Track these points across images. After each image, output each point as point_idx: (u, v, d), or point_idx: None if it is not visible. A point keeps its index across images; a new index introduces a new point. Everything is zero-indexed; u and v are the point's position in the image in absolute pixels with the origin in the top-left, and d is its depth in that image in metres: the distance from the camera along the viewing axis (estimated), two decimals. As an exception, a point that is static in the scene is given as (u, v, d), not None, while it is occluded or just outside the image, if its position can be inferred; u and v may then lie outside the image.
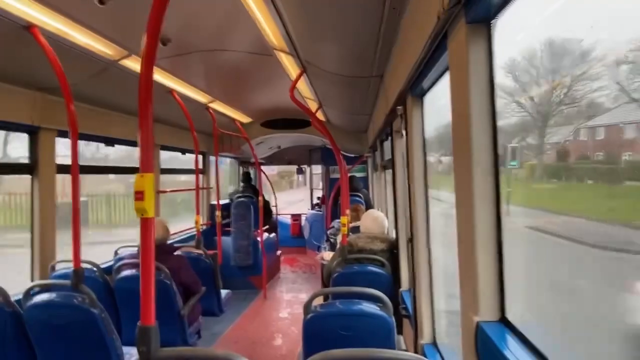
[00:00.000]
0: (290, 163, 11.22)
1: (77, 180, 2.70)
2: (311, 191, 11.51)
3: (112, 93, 3.72)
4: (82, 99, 3.53)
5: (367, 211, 4.04)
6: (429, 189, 2.50)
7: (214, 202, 6.05)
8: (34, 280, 3.29)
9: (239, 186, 8.58)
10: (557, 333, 1.63)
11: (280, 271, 8.26)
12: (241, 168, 9.34)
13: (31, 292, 2.65)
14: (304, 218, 10.28)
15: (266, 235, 7.32)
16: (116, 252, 4.05)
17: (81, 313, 2.50)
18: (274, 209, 8.59)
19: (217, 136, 5.51)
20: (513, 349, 1.18)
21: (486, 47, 1.29)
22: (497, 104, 1.31)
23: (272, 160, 10.64)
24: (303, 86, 4.09)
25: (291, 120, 6.90)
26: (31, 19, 2.23)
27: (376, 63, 2.95)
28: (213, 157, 6.03)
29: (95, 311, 2.50)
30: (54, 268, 3.31)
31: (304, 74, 3.43)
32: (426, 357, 2.32)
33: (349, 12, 2.19)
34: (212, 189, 6.72)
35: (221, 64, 3.60)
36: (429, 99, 2.36)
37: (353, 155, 7.67)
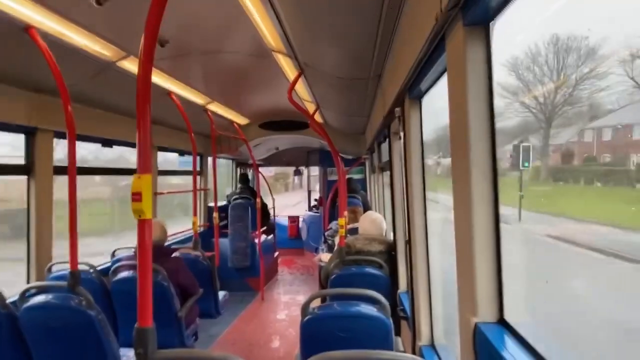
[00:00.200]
0: (288, 165, 11.24)
1: (74, 181, 2.69)
2: (309, 193, 11.52)
3: (110, 94, 3.71)
4: (80, 100, 3.52)
5: (365, 213, 4.04)
6: (426, 191, 2.50)
7: (212, 204, 6.04)
8: (30, 282, 3.27)
9: (236, 188, 8.57)
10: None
11: (277, 273, 8.25)
12: (238, 169, 9.33)
13: (27, 294, 2.64)
14: (301, 220, 10.28)
15: (264, 237, 7.31)
16: (113, 254, 4.03)
17: (78, 315, 2.49)
18: (271, 210, 8.60)
19: (214, 137, 5.51)
20: (511, 350, 1.18)
21: (484, 49, 1.30)
22: (497, 105, 1.32)
23: (270, 161, 10.64)
24: (301, 88, 4.09)
25: (289, 122, 6.89)
26: (29, 20, 2.22)
27: (374, 65, 2.95)
28: (211, 158, 6.03)
29: (92, 313, 2.49)
30: (50, 270, 3.30)
31: (302, 76, 3.43)
32: (424, 358, 2.32)
33: (347, 14, 2.19)
34: (209, 190, 6.71)
35: (219, 65, 3.60)
36: (426, 101, 2.36)
37: (351, 157, 7.68)
